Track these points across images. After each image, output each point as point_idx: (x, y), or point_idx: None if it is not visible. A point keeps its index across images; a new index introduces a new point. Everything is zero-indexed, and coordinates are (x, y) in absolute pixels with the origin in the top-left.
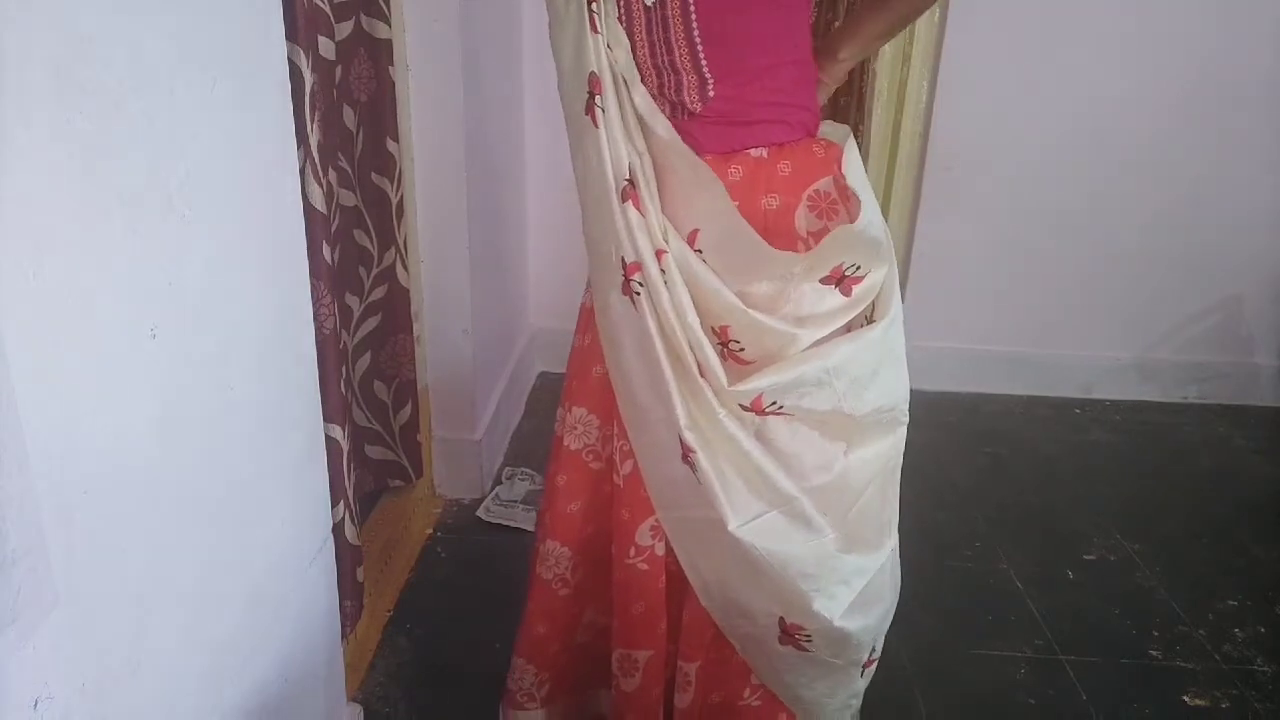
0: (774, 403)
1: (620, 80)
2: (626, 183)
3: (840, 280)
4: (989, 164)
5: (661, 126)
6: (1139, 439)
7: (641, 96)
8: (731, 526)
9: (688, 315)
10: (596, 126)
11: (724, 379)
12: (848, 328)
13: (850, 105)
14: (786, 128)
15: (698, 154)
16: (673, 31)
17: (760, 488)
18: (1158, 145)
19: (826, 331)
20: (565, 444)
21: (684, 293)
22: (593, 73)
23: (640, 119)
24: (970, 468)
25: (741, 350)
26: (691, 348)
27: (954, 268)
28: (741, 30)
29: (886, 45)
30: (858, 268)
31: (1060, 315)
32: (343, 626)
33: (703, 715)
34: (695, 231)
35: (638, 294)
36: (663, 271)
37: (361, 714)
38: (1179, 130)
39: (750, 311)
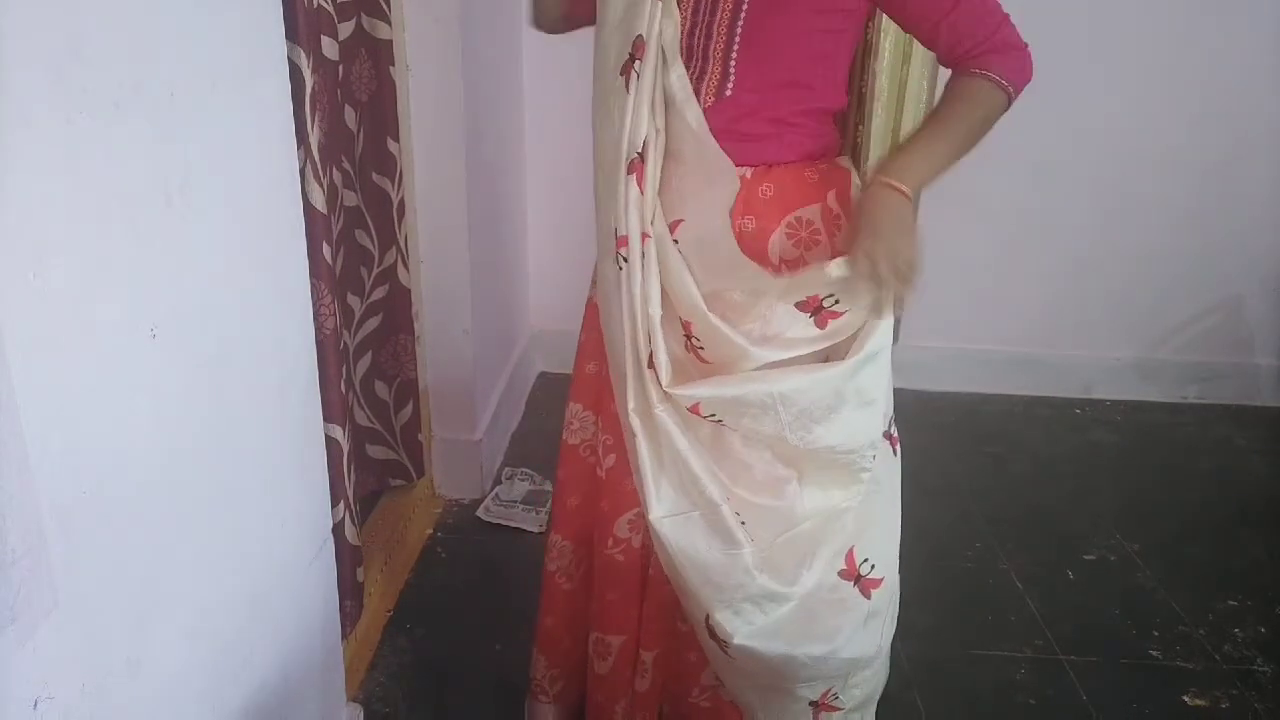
0: (713, 414)
1: (662, 53)
2: (637, 156)
3: (817, 310)
4: (989, 164)
5: (693, 115)
6: (1139, 439)
7: (679, 77)
8: (651, 516)
9: (650, 304)
10: (628, 91)
11: (667, 378)
12: (826, 358)
13: (850, 105)
14: (780, 146)
15: None
16: (718, 16)
17: (688, 486)
18: (1158, 145)
19: (788, 356)
20: (565, 439)
21: (655, 281)
22: (640, 36)
23: (671, 99)
24: (970, 468)
25: (702, 349)
26: (648, 337)
27: (954, 268)
28: (780, 39)
29: (886, 44)
30: (837, 301)
31: (1060, 315)
32: (343, 626)
33: (660, 701)
34: (678, 222)
35: (620, 268)
36: (643, 255)
37: (361, 714)
38: (1179, 130)
39: (710, 316)
